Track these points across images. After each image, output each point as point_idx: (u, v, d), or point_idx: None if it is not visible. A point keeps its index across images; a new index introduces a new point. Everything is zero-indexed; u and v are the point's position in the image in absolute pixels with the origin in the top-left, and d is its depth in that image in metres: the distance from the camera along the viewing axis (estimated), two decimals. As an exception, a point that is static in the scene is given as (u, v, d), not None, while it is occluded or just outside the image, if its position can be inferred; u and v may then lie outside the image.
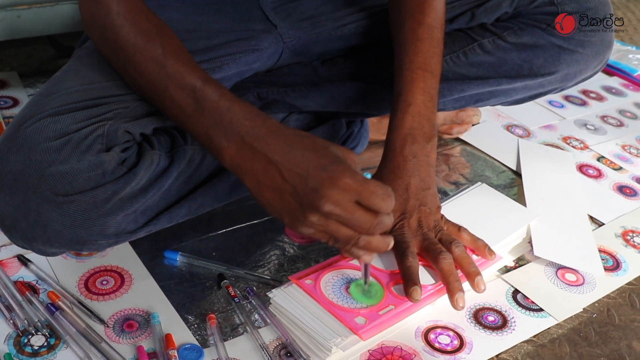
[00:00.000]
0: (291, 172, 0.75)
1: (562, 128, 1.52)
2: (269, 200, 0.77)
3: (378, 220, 0.74)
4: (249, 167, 0.77)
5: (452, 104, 1.19)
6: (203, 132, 0.80)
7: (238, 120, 0.79)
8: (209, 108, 0.80)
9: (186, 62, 0.84)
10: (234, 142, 0.78)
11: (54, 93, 0.85)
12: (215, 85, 0.82)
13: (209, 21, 1.07)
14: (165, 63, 0.83)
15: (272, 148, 0.76)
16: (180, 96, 0.82)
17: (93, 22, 0.91)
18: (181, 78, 0.83)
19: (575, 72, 1.14)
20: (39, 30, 1.42)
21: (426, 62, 0.99)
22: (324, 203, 0.72)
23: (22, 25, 1.39)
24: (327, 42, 1.13)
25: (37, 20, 1.40)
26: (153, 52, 0.84)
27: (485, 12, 1.12)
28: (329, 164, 0.73)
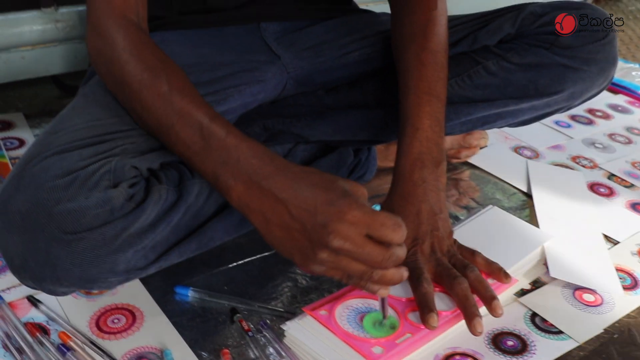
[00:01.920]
0: (299, 208, 0.74)
1: (571, 148, 1.51)
2: (278, 239, 0.77)
3: (390, 252, 0.73)
4: (257, 205, 0.77)
5: (459, 127, 1.18)
6: (210, 170, 0.80)
7: (245, 159, 0.78)
8: (216, 146, 0.80)
9: (193, 98, 0.84)
10: (241, 181, 0.78)
11: (59, 131, 0.85)
12: (222, 122, 0.82)
13: (212, 54, 1.07)
14: (172, 99, 0.83)
15: (279, 186, 0.76)
16: (187, 133, 0.82)
17: (99, 57, 0.91)
18: (188, 115, 0.82)
19: (581, 90, 1.13)
20: (43, 71, 1.42)
21: (431, 86, 0.99)
22: (333, 238, 0.71)
23: (26, 66, 1.39)
24: (331, 71, 1.13)
25: (41, 60, 1.40)
26: (159, 88, 0.84)
27: (487, 34, 1.12)
28: (337, 198, 0.72)
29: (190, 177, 0.91)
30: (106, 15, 0.92)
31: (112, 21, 0.91)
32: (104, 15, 0.92)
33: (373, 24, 1.18)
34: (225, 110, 1.01)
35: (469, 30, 1.13)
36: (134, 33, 0.90)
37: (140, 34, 0.91)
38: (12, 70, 1.38)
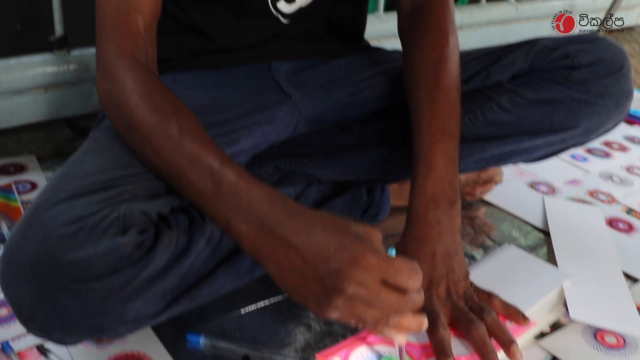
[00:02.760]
0: (312, 254, 0.72)
1: (588, 182, 1.49)
2: (292, 285, 0.75)
3: (407, 298, 0.71)
4: (269, 251, 0.75)
5: (473, 165, 1.16)
6: (221, 215, 0.79)
7: (257, 203, 0.77)
8: (227, 191, 0.79)
9: (203, 142, 0.83)
10: (253, 226, 0.76)
11: (69, 176, 0.84)
12: (233, 166, 0.81)
13: (223, 95, 1.07)
14: (182, 143, 0.82)
15: (292, 231, 0.74)
16: (197, 178, 0.81)
17: (109, 100, 0.91)
18: (198, 159, 0.82)
19: (596, 124, 1.11)
20: (56, 113, 1.43)
21: (444, 124, 0.97)
22: (348, 284, 0.70)
23: (39, 109, 1.40)
24: (343, 110, 1.12)
25: (53, 103, 1.41)
26: (169, 132, 0.83)
27: (500, 70, 1.11)
28: (350, 243, 0.71)
29: (200, 221, 0.90)
30: (115, 57, 0.91)
31: (121, 64, 0.91)
32: (113, 58, 0.91)
33: (385, 61, 1.17)
34: (237, 151, 1.00)
35: (481, 66, 1.12)
36: (143, 75, 0.90)
37: (150, 76, 0.91)
38: (25, 114, 1.39)
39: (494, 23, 2.16)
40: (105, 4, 0.93)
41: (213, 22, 1.08)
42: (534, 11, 2.27)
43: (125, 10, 0.92)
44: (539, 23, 2.32)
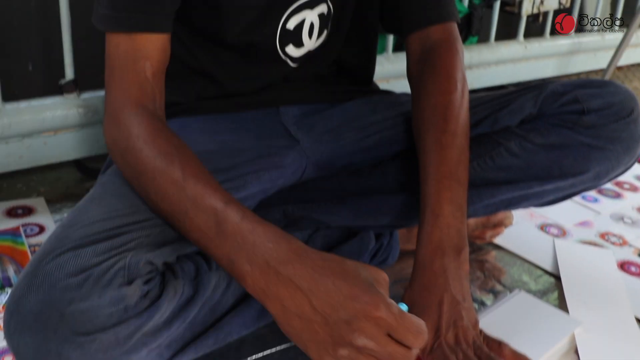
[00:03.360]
0: (321, 301, 0.72)
1: (599, 224, 1.48)
2: (296, 329, 0.74)
3: (411, 353, 0.71)
4: (274, 292, 0.75)
5: (482, 210, 1.15)
6: (225, 255, 0.78)
7: (262, 243, 0.77)
8: (231, 231, 0.78)
9: (207, 183, 0.83)
10: (257, 266, 0.76)
11: (75, 224, 0.84)
12: (237, 206, 0.80)
13: (231, 140, 1.07)
14: (185, 186, 0.82)
15: (299, 273, 0.74)
16: (201, 219, 0.81)
17: (115, 145, 0.92)
18: (201, 200, 0.81)
19: (607, 169, 1.10)
20: (65, 155, 1.44)
21: (452, 170, 0.97)
22: (358, 337, 0.69)
23: (48, 151, 1.41)
24: (351, 155, 1.12)
25: (63, 145, 1.42)
26: (173, 175, 0.83)
27: (509, 115, 1.10)
28: (362, 293, 0.71)
29: (207, 269, 0.89)
30: (123, 104, 0.92)
31: (128, 110, 0.91)
32: (121, 105, 0.92)
33: (393, 105, 1.17)
34: (244, 196, 1.00)
35: (489, 110, 1.12)
36: (148, 121, 0.90)
37: (155, 122, 0.91)
38: (35, 156, 1.40)
39: (503, 62, 2.16)
40: (114, 51, 0.94)
41: (221, 66, 1.09)
42: (543, 50, 2.27)
43: (134, 58, 0.93)
44: (547, 61, 2.33)
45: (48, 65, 1.71)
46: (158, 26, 0.94)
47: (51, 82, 1.50)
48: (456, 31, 1.10)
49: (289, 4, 1.06)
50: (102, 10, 0.94)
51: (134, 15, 0.93)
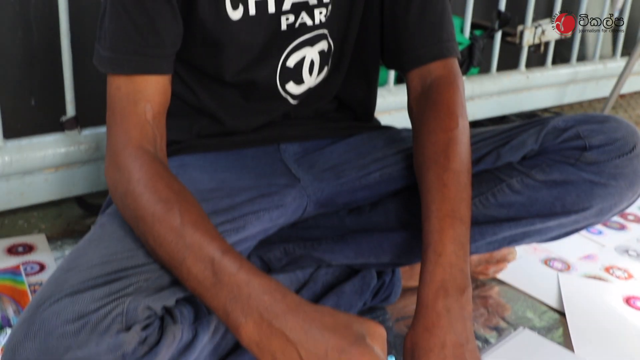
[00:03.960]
0: (309, 352, 0.72)
1: (603, 257, 1.46)
2: None
3: None
4: (266, 345, 0.74)
5: (485, 247, 1.14)
6: (221, 306, 0.78)
7: (257, 295, 0.77)
8: (227, 281, 0.78)
9: (205, 231, 0.83)
10: (251, 318, 0.76)
11: (74, 268, 0.83)
12: (234, 256, 0.80)
13: (231, 178, 1.06)
14: (184, 233, 0.82)
15: (290, 325, 0.74)
16: (198, 268, 0.80)
17: (115, 188, 0.92)
18: (199, 249, 0.81)
19: (610, 205, 1.09)
20: (67, 192, 1.44)
21: (454, 209, 0.96)
22: None
23: (49, 188, 1.41)
24: (352, 192, 1.11)
25: (64, 182, 1.42)
26: (172, 222, 0.83)
27: (511, 151, 1.10)
28: (348, 346, 0.71)
29: (206, 312, 0.89)
30: (123, 146, 0.92)
31: (128, 153, 0.92)
32: (122, 147, 0.92)
33: (394, 141, 1.17)
34: (244, 237, 0.99)
35: (491, 146, 1.11)
36: (149, 164, 0.90)
37: (156, 165, 0.91)
38: (36, 193, 1.40)
39: (505, 92, 2.16)
40: (115, 93, 0.95)
41: (222, 104, 1.09)
42: (545, 79, 2.27)
43: (135, 100, 0.93)
44: (550, 90, 2.33)
45: (51, 100, 1.71)
46: (159, 68, 0.95)
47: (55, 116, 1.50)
48: (457, 67, 1.10)
49: (288, 42, 1.06)
50: (103, 52, 0.95)
51: (135, 58, 0.93)
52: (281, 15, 1.04)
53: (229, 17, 1.00)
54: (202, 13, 0.98)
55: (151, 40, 0.94)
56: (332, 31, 1.10)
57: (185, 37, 1.00)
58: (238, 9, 1.00)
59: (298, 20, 1.05)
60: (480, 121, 2.20)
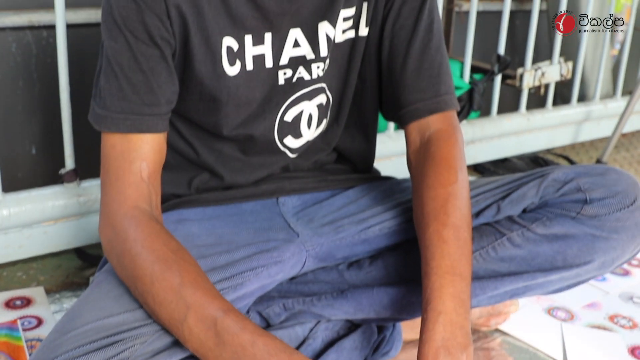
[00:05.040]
0: None
1: (607, 305, 1.45)
2: None
3: None
4: None
5: (486, 301, 1.13)
6: None
7: (262, 356, 0.76)
8: (231, 342, 0.78)
9: (206, 291, 0.83)
10: None
11: (69, 330, 0.83)
12: (237, 316, 0.80)
13: (229, 233, 1.06)
14: (184, 293, 0.82)
15: None
16: (199, 328, 0.80)
17: (111, 247, 0.91)
18: (200, 309, 0.81)
19: (612, 258, 1.08)
20: (65, 244, 1.43)
21: (454, 265, 0.95)
22: None
23: (48, 240, 1.40)
24: (351, 247, 1.10)
25: (63, 234, 1.41)
26: (171, 282, 0.83)
27: (511, 204, 1.09)
28: None
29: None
30: (119, 206, 0.92)
31: (124, 212, 0.91)
32: (117, 206, 0.92)
33: (394, 192, 1.16)
34: (242, 295, 0.99)
35: (491, 200, 1.10)
36: (146, 224, 0.90)
37: (153, 224, 0.91)
38: (35, 246, 1.39)
39: (506, 135, 2.16)
40: (110, 152, 0.95)
41: (221, 158, 1.09)
42: (545, 121, 2.27)
43: (130, 159, 0.93)
44: (551, 132, 2.32)
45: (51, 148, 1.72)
46: (154, 127, 0.95)
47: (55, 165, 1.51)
48: (455, 120, 1.10)
49: (286, 97, 1.06)
50: (98, 109, 0.95)
51: (130, 117, 0.93)
52: (279, 70, 1.04)
53: (225, 73, 1.00)
54: (199, 70, 0.99)
55: (146, 99, 0.94)
56: (330, 84, 1.10)
57: (182, 93, 1.01)
58: (235, 65, 1.00)
59: (296, 75, 1.06)
60: (481, 164, 2.20)
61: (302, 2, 1.01)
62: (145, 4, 0.91)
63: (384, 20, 1.08)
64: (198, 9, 0.95)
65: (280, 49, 1.03)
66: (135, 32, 0.92)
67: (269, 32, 1.01)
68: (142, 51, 0.93)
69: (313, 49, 1.05)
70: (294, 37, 1.04)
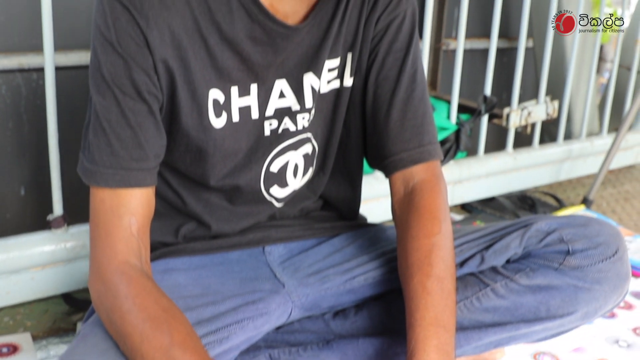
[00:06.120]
0: None
1: (593, 349, 1.45)
2: None
3: None
4: None
5: (471, 351, 1.14)
6: None
7: None
8: None
9: (194, 352, 0.83)
10: None
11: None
12: None
13: (216, 283, 1.07)
14: (173, 354, 0.83)
15: None
16: None
17: (101, 302, 0.92)
18: None
19: (595, 308, 1.09)
20: (53, 290, 1.43)
21: (438, 317, 0.96)
22: None
23: (36, 286, 1.40)
24: (337, 297, 1.11)
25: (50, 280, 1.41)
26: (161, 341, 0.84)
27: (494, 255, 1.10)
28: None
29: None
30: (109, 261, 0.92)
31: (114, 267, 0.92)
32: (107, 261, 0.92)
33: (379, 241, 1.18)
34: (228, 348, 0.99)
35: (475, 249, 1.12)
36: (136, 280, 0.91)
37: (144, 281, 0.91)
38: (22, 292, 1.39)
39: (493, 174, 2.18)
40: (100, 206, 0.95)
41: (208, 208, 1.10)
42: (532, 159, 2.30)
43: (119, 214, 0.94)
44: (538, 170, 2.34)
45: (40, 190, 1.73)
46: (142, 181, 0.96)
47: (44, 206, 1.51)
48: (439, 170, 1.11)
49: (272, 148, 1.08)
50: (87, 164, 0.95)
51: (119, 172, 0.94)
52: (264, 121, 1.06)
53: (212, 125, 1.01)
54: (186, 122, 0.99)
55: (135, 154, 0.95)
56: (315, 134, 1.11)
57: (169, 144, 1.01)
58: (221, 117, 1.01)
59: (281, 126, 1.07)
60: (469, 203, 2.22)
61: (288, 54, 1.03)
62: (134, 61, 0.92)
63: (368, 70, 1.10)
64: (184, 62, 0.96)
65: (266, 100, 1.04)
66: (123, 88, 0.93)
67: (255, 83, 1.02)
68: (130, 107, 0.94)
69: (298, 100, 1.06)
70: (279, 89, 1.05)
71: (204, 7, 0.95)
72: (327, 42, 1.05)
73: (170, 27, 0.93)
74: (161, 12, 0.92)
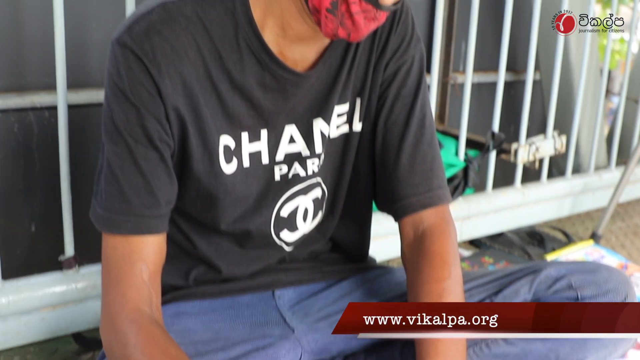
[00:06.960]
0: None
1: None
2: None
3: None
4: None
5: (480, 397, 1.14)
6: None
7: None
8: None
9: None
10: None
11: None
12: None
13: (226, 328, 1.07)
14: None
15: None
16: None
17: (111, 350, 0.92)
18: None
19: (604, 355, 1.09)
20: (63, 330, 1.44)
21: (448, 365, 0.96)
22: None
23: (46, 327, 1.41)
24: (347, 342, 1.11)
25: (61, 320, 1.42)
26: None
27: (504, 300, 1.10)
28: None
29: None
30: (120, 308, 0.93)
31: (125, 315, 0.92)
32: (118, 309, 0.93)
33: (389, 285, 1.18)
34: (237, 397, 0.99)
35: (484, 294, 1.12)
36: (146, 329, 0.91)
37: (153, 330, 0.92)
38: (32, 332, 1.40)
39: (501, 209, 2.18)
40: (112, 253, 0.96)
41: (218, 252, 1.10)
42: (541, 194, 2.30)
43: (131, 261, 0.95)
44: (546, 205, 2.35)
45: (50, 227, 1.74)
46: (154, 228, 0.96)
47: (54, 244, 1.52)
48: (448, 214, 1.12)
49: (282, 193, 1.08)
50: (99, 210, 0.96)
51: (131, 219, 0.95)
52: (274, 166, 1.06)
53: (222, 171, 1.01)
54: (197, 168, 1.00)
55: (147, 201, 0.96)
56: (325, 178, 1.12)
57: (180, 190, 1.02)
58: (232, 162, 1.02)
59: (291, 171, 1.08)
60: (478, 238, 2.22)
61: (297, 100, 1.04)
62: (146, 109, 0.93)
63: (377, 115, 1.11)
64: (196, 110, 0.97)
65: (276, 145, 1.05)
66: (135, 137, 0.94)
67: (265, 128, 1.03)
68: (142, 154, 0.95)
69: (308, 145, 1.07)
70: (289, 134, 1.06)
71: (215, 55, 0.96)
72: (337, 87, 1.05)
73: (182, 75, 0.94)
74: (173, 61, 0.93)
